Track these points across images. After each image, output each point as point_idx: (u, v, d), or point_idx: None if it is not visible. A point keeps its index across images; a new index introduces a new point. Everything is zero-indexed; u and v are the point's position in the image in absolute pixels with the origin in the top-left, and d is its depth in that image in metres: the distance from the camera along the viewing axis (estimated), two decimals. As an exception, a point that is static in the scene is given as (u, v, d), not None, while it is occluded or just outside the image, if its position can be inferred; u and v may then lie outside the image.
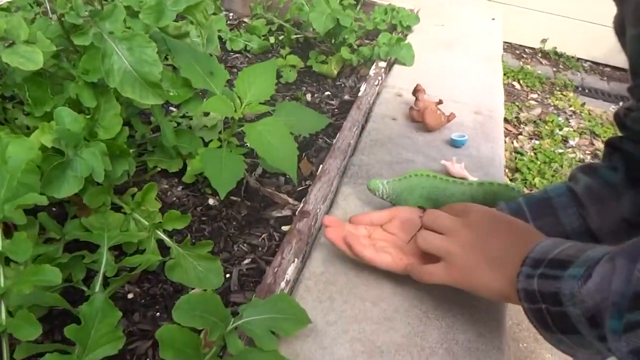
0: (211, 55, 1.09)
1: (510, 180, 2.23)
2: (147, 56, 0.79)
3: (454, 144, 1.18)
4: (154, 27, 0.85)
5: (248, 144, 0.99)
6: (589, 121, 2.67)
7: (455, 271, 0.68)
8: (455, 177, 1.08)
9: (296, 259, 0.87)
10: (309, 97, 1.61)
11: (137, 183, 1.11)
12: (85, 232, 0.90)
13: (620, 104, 2.93)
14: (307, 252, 0.91)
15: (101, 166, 0.81)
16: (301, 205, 0.99)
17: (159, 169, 1.12)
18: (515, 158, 2.35)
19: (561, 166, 2.31)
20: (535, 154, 2.36)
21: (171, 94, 1.01)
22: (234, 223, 1.08)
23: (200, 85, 1.01)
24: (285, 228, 1.08)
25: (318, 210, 0.97)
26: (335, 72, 1.71)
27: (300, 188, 1.22)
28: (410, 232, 0.79)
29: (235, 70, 1.70)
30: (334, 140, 1.18)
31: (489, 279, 0.66)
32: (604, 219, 0.75)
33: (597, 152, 2.52)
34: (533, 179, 2.21)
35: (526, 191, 2.17)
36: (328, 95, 1.64)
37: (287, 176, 1.25)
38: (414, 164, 1.11)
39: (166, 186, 1.14)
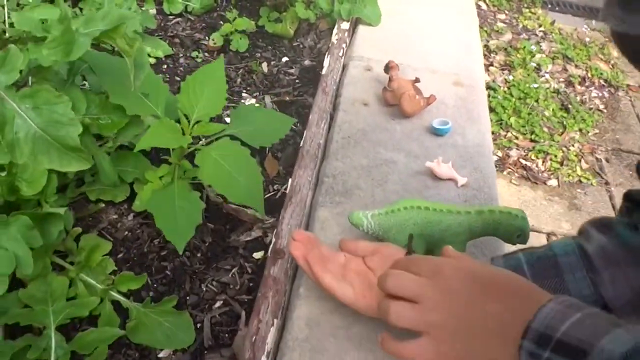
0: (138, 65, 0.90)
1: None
2: (59, 115, 0.61)
3: (437, 132, 1.05)
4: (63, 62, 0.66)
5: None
6: (561, 43, 2.54)
7: (445, 346, 0.56)
8: (443, 179, 0.96)
9: (275, 320, 0.75)
10: (265, 67, 1.43)
11: (81, 219, 0.95)
12: (26, 310, 0.76)
13: (593, 22, 2.78)
14: (285, 303, 0.79)
15: (27, 253, 0.66)
16: (272, 240, 0.86)
17: (103, 204, 0.96)
18: (489, 95, 2.23)
19: (537, 101, 2.20)
20: (508, 88, 2.24)
21: (102, 122, 0.83)
22: (198, 255, 0.95)
23: (136, 112, 0.83)
24: (257, 255, 0.96)
25: (293, 246, 0.84)
26: (292, 31, 1.51)
27: (268, 195, 1.08)
28: None
29: (177, 41, 1.48)
30: (301, 142, 1.03)
31: (489, 351, 0.54)
32: (619, 287, 0.63)
33: (571, 78, 2.42)
34: (509, 119, 2.10)
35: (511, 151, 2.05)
36: (286, 62, 1.46)
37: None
38: (395, 166, 0.98)
39: (115, 216, 0.98)
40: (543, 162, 2.07)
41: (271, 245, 0.85)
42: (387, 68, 1.11)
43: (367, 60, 1.23)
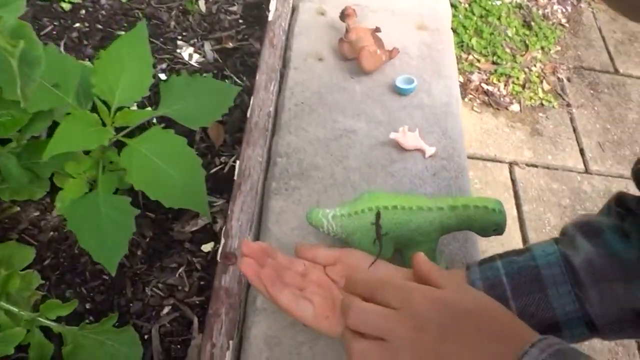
0: (45, 44, 0.74)
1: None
2: None
3: (401, 92, 0.93)
4: None
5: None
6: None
7: None
8: (410, 150, 0.86)
9: (230, 342, 0.66)
10: (202, 5, 1.24)
11: (-7, 222, 0.82)
12: None
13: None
14: (241, 317, 0.70)
15: None
16: (221, 242, 0.75)
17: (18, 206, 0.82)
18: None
19: (499, 19, 2.07)
20: (470, 5, 2.09)
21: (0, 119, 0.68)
22: (139, 253, 0.84)
23: (39, 107, 0.68)
24: (206, 247, 0.85)
25: (246, 247, 0.74)
26: (230, -41, 1.31)
27: (215, 168, 0.96)
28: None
29: None
30: (248, 113, 0.89)
31: None
32: (606, 305, 0.55)
33: (533, -10, 2.27)
34: (470, 40, 1.98)
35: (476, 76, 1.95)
36: (227, -3, 1.27)
37: (195, 152, 0.97)
38: (355, 137, 0.87)
39: (36, 214, 0.85)
40: (505, 85, 1.98)
41: (220, 248, 0.74)
42: (343, 15, 0.96)
43: (318, 2, 1.07)
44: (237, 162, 0.83)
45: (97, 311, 0.78)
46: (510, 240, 1.62)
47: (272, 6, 1.06)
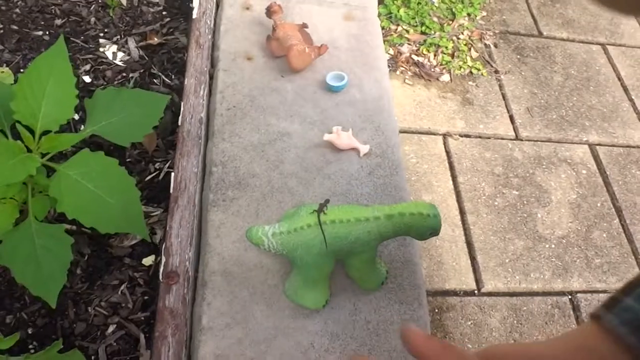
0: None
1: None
2: None
3: (333, 89, 0.94)
4: None
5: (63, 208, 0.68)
6: None
7: None
8: (345, 150, 0.88)
9: (179, 364, 0.68)
10: (122, -3, 1.19)
11: None
12: None
13: None
14: (188, 335, 0.71)
15: None
16: (162, 260, 0.75)
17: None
18: (377, -16, 2.07)
19: (425, -12, 2.08)
20: (395, -27, 2.08)
21: None
22: (78, 272, 0.83)
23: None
24: (147, 261, 0.85)
25: (187, 264, 0.75)
26: (148, -54, 1.25)
27: (150, 176, 0.94)
28: None
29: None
30: (179, 121, 0.88)
31: None
32: None
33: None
34: (398, 11, 1.99)
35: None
36: (148, -14, 1.22)
37: (128, 159, 0.95)
38: (290, 140, 0.87)
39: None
40: (435, 55, 2.01)
41: (161, 268, 0.74)
42: (269, 12, 0.95)
43: (243, -5, 1.05)
44: (172, 173, 0.82)
45: (40, 336, 0.77)
46: (449, 212, 1.69)
47: (196, 3, 1.02)
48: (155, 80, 1.06)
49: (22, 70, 1.03)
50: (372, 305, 0.74)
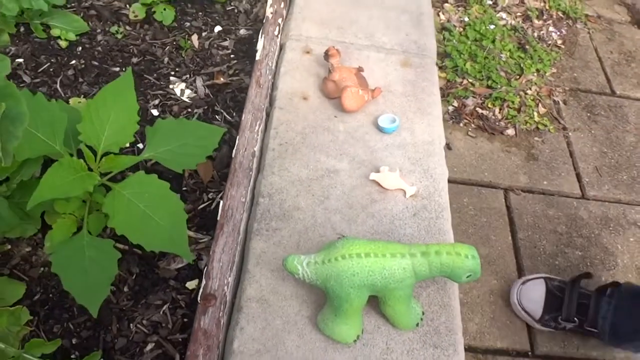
0: (34, 92, 0.77)
1: (440, 68, 2.01)
2: None
3: (384, 131, 0.95)
4: None
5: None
6: (519, -30, 2.39)
7: None
8: (391, 190, 0.88)
9: (208, 385, 0.68)
10: (195, 40, 1.28)
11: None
12: None
13: None
14: (219, 357, 0.72)
15: None
16: (203, 283, 0.77)
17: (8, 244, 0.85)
18: (444, 38, 2.10)
19: (493, 42, 2.09)
20: (464, 28, 2.11)
21: (-10, 167, 0.71)
22: (125, 289, 0.87)
23: (27, 155, 0.71)
24: (191, 285, 0.88)
25: (225, 289, 0.77)
26: (224, -6, 1.35)
27: (202, 205, 0.98)
28: None
29: (93, 13, 1.30)
30: (233, 153, 0.92)
31: None
32: None
33: (528, 12, 2.30)
34: (464, 65, 2.00)
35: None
36: (219, 32, 1.30)
37: (184, 188, 1.00)
38: (337, 177, 0.89)
39: (28, 250, 0.88)
40: (500, 110, 1.99)
41: (201, 289, 0.77)
42: (327, 56, 0.99)
43: (305, 40, 1.10)
44: (221, 201, 0.85)
45: (82, 347, 0.81)
46: (506, 268, 1.64)
47: (260, 46, 1.08)
48: (217, 117, 1.12)
49: (98, 101, 1.11)
50: (405, 347, 0.72)
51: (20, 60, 1.17)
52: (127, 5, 1.31)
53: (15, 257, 0.87)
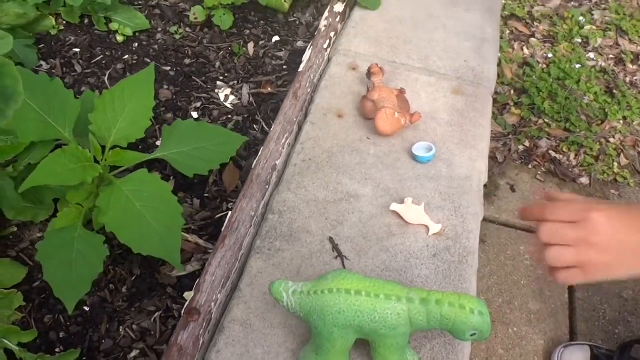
0: (52, 78, 0.76)
1: (515, 104, 1.90)
2: None
3: (418, 160, 0.88)
4: None
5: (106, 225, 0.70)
6: (616, 12, 2.22)
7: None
8: (413, 225, 0.80)
9: (171, 405, 0.63)
10: (250, 48, 1.26)
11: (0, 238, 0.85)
12: None
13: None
14: (192, 379, 0.67)
15: None
16: (190, 295, 0.73)
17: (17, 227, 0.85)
18: (524, 73, 1.98)
19: (577, 83, 1.94)
20: (547, 66, 1.98)
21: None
22: (123, 290, 0.84)
23: (33, 138, 0.70)
24: (188, 295, 0.83)
25: (212, 305, 0.72)
26: (287, 5, 1.32)
27: (220, 214, 0.94)
28: None
29: (157, 12, 1.32)
30: (254, 162, 0.88)
31: None
32: None
33: (623, 55, 2.12)
34: (542, 104, 1.87)
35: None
36: (276, 42, 1.28)
37: (206, 194, 0.97)
38: (357, 203, 0.82)
39: (40, 235, 0.88)
40: (576, 155, 1.84)
41: (187, 302, 0.72)
42: (369, 73, 0.93)
43: (354, 56, 1.05)
44: (229, 213, 0.81)
45: (68, 342, 0.78)
46: (557, 329, 1.49)
47: (306, 57, 1.04)
48: (255, 126, 1.09)
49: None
50: (393, 403, 0.64)
51: (77, 50, 1.19)
52: (192, 8, 1.31)
53: (25, 241, 0.87)
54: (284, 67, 1.22)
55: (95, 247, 0.70)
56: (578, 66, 1.97)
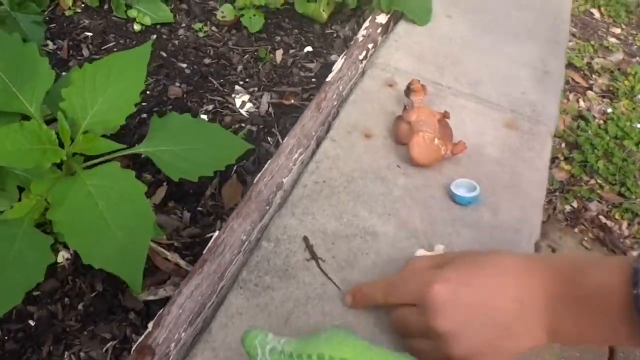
0: (25, 40, 0.63)
1: (566, 159, 1.72)
2: None
3: (456, 200, 0.71)
4: None
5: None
6: (686, 74, 2.04)
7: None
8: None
9: None
10: (279, 55, 1.13)
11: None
12: None
13: None
14: None
15: None
16: (148, 329, 0.57)
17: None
18: (578, 127, 1.81)
19: (637, 145, 1.76)
20: (605, 122, 1.80)
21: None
22: (79, 307, 0.69)
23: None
24: (152, 325, 0.68)
25: (172, 346, 0.56)
26: (325, 15, 1.19)
27: (211, 234, 0.79)
28: None
29: (184, 7, 1.21)
30: (256, 178, 0.73)
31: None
32: None
33: (690, 121, 1.93)
34: (596, 162, 1.68)
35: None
36: (308, 53, 1.15)
37: (200, 207, 0.82)
38: (374, 242, 0.66)
39: None
40: (628, 225, 1.64)
41: (141, 338, 0.56)
42: (409, 90, 0.78)
43: (392, 71, 0.90)
44: (214, 234, 0.66)
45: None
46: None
47: (336, 67, 0.90)
48: (269, 138, 0.95)
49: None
50: None
51: (89, 34, 1.08)
52: (221, 6, 1.20)
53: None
54: (313, 79, 1.09)
55: (39, 250, 0.56)
56: (639, 126, 1.79)
